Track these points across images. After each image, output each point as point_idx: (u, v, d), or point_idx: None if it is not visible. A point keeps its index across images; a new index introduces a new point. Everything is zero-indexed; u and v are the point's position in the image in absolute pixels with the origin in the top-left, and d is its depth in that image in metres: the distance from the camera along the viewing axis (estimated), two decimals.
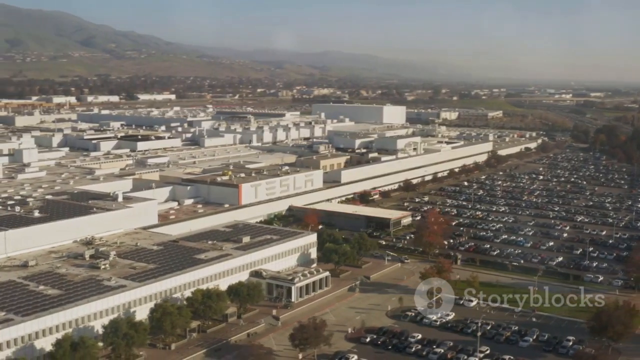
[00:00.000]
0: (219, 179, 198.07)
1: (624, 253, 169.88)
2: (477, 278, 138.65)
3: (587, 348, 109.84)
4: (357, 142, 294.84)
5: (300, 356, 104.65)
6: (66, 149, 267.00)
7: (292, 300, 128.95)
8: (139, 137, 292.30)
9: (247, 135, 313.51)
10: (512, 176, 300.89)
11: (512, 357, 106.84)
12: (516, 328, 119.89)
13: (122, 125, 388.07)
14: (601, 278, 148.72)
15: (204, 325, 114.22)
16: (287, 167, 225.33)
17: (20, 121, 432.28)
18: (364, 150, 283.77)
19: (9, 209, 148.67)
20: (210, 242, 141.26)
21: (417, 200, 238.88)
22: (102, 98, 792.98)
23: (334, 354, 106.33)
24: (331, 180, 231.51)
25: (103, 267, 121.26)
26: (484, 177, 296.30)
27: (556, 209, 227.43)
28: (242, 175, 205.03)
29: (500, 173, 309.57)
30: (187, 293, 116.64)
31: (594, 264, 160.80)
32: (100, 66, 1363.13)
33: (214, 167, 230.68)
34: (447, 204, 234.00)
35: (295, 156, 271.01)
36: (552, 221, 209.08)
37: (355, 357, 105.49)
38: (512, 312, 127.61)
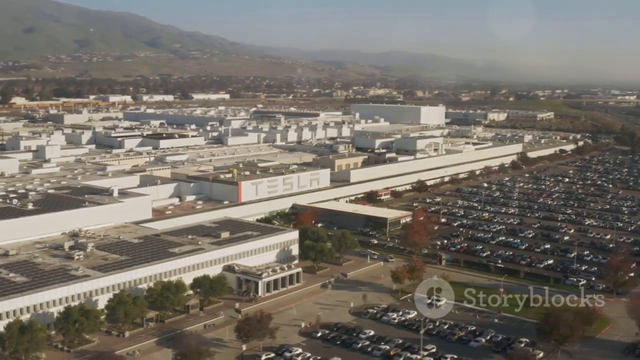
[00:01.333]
0: (222, 176, 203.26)
1: (620, 257, 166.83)
2: (447, 278, 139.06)
3: (537, 350, 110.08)
4: (378, 142, 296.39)
5: (244, 347, 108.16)
6: (93, 146, 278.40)
7: (259, 294, 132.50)
8: (164, 135, 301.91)
9: (271, 135, 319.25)
10: (536, 178, 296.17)
11: (455, 356, 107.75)
12: (472, 328, 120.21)
13: (160, 123, 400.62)
14: (583, 282, 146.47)
15: (163, 316, 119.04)
16: (295, 166, 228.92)
17: (69, 119, 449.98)
18: (383, 151, 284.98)
19: (7, 201, 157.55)
20: (190, 236, 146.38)
21: (428, 200, 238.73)
22: (157, 97, 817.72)
23: (279, 347, 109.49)
24: (341, 180, 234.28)
25: (77, 257, 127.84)
26: (507, 178, 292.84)
27: (568, 212, 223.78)
28: (247, 173, 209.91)
29: (526, 175, 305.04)
30: (152, 284, 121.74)
31: (583, 268, 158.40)
32: (164, 66, 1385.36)
33: (227, 165, 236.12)
34: (458, 205, 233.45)
35: (314, 155, 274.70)
36: (559, 224, 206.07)
37: (300, 350, 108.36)
38: (477, 313, 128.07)
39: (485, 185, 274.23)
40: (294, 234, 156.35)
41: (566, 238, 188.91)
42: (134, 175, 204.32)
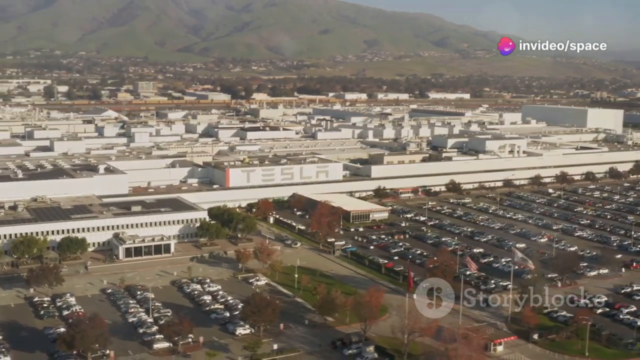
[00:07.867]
0: (225, 163, 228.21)
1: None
2: (279, 263, 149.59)
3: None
4: (450, 142, 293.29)
5: (32, 290, 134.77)
6: (196, 135, 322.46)
7: (120, 258, 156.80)
8: (260, 128, 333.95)
9: (365, 131, 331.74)
10: (630, 188, 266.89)
11: (176, 321, 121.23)
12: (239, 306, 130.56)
13: (318, 119, 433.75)
14: None
15: (19, 262, 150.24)
16: (316, 158, 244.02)
17: (263, 114, 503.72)
18: (452, 150, 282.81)
19: (14, 170, 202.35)
20: (111, 207, 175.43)
21: (451, 201, 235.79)
22: (392, 95, 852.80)
23: (61, 294, 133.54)
24: (364, 175, 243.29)
25: None
26: (592, 186, 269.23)
27: (582, 222, 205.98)
28: (257, 162, 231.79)
29: (626, 184, 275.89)
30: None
31: (467, 273, 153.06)
32: (441, 66, 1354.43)
33: (264, 155, 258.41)
34: (475, 207, 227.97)
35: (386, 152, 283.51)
36: (543, 232, 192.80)
37: (73, 299, 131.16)
38: (284, 296, 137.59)
39: (550, 191, 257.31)
40: (202, 213, 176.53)
41: (520, 245, 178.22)
42: (165, 159, 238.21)
